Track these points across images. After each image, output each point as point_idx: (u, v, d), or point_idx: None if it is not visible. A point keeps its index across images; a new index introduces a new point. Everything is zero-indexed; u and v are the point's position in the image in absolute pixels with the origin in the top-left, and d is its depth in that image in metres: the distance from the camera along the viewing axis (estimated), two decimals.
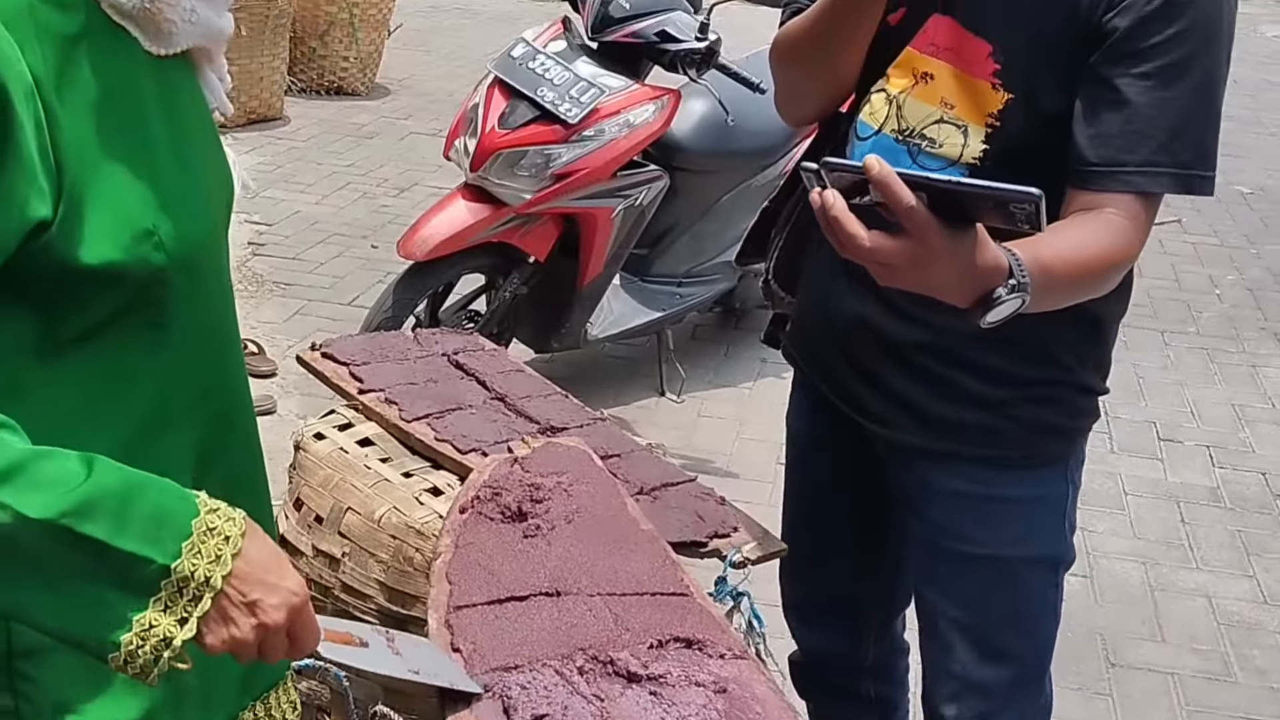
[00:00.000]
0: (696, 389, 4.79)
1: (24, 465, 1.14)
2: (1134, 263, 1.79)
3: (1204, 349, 5.56)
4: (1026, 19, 1.79)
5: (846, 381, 2.09)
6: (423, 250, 3.99)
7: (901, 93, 1.91)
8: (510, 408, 2.32)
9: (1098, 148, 1.75)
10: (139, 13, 1.30)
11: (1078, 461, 2.08)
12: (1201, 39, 1.74)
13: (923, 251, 1.41)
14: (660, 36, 4.21)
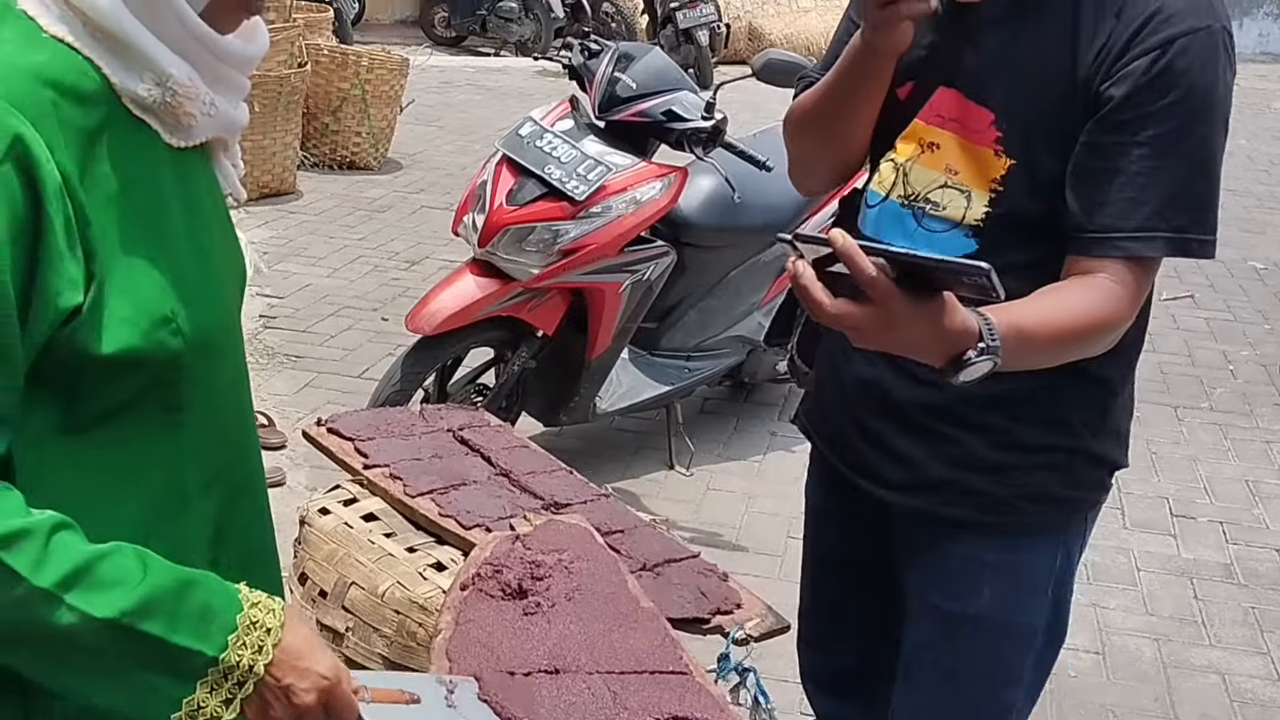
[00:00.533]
0: (706, 462, 4.78)
1: (89, 567, 1.23)
2: (1126, 325, 1.81)
3: (1217, 424, 5.54)
4: (1027, 88, 1.83)
5: (852, 444, 2.11)
6: (431, 324, 4.01)
7: (908, 160, 1.95)
8: (514, 483, 2.32)
9: (1092, 214, 1.78)
10: (160, 107, 1.33)
11: (1079, 535, 2.07)
12: (1197, 108, 1.76)
13: (885, 316, 1.50)
14: (667, 115, 4.26)
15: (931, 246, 1.90)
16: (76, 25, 1.26)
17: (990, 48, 1.86)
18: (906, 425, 2.01)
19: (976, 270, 1.45)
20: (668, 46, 12.15)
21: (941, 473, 2.00)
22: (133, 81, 1.30)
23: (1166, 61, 1.73)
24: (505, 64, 13.08)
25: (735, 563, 3.95)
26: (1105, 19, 1.77)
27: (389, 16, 15.46)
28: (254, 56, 1.44)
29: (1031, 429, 1.95)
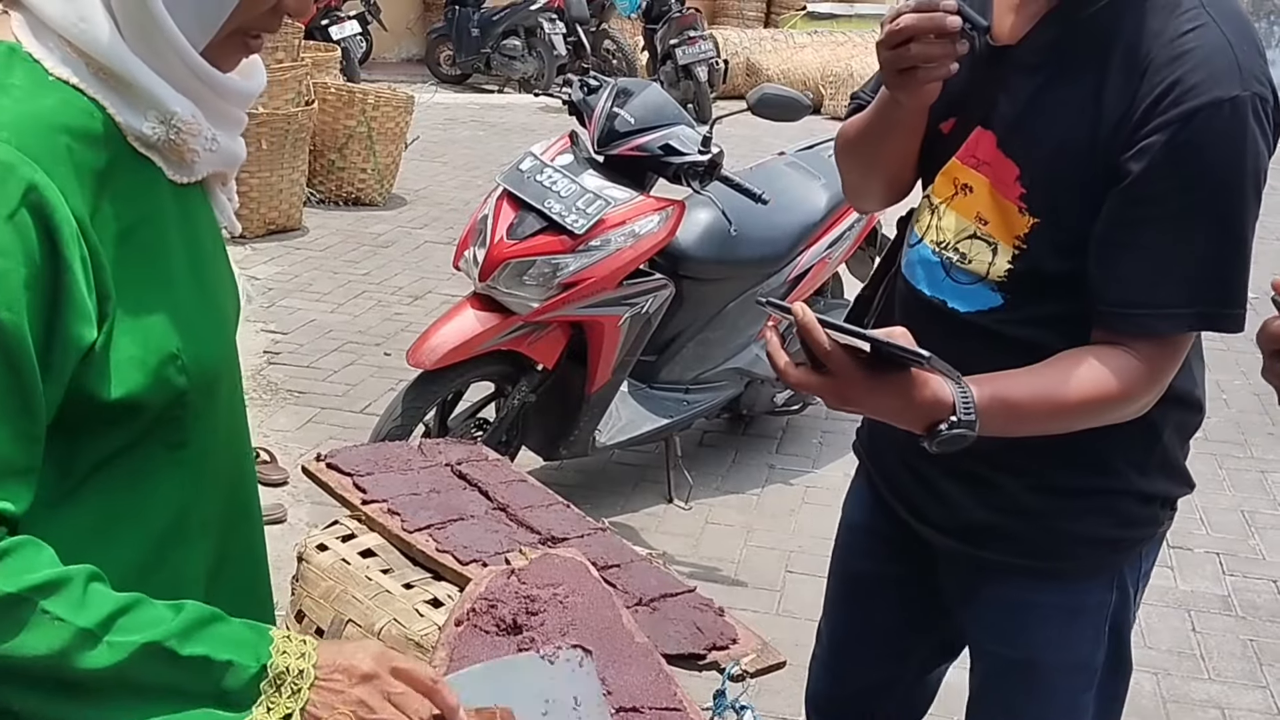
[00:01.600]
0: (704, 496, 4.80)
1: (127, 609, 1.26)
2: (1148, 397, 1.78)
3: (1212, 454, 5.54)
4: (1050, 147, 1.79)
5: (901, 481, 2.11)
6: (432, 359, 4.03)
7: (942, 203, 1.93)
8: (512, 518, 2.33)
9: (1113, 289, 1.75)
10: (164, 145, 1.35)
11: (1135, 569, 2.03)
12: (1219, 184, 1.71)
13: (842, 386, 1.61)
14: (664, 150, 4.30)
15: (959, 298, 1.90)
16: (81, 67, 1.28)
17: (1022, 95, 1.83)
18: (948, 467, 1.95)
19: (917, 358, 1.55)
20: (667, 82, 12.26)
21: (984, 517, 1.98)
22: (137, 120, 1.32)
23: (1186, 137, 1.67)
24: (508, 101, 13.16)
25: (733, 597, 3.97)
26: (1131, 80, 1.72)
27: (395, 55, 15.56)
28: (252, 92, 1.46)
29: (1074, 473, 1.91)
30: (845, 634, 2.34)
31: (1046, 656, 2.02)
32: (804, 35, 14.64)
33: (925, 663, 2.34)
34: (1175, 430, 1.97)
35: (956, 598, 2.12)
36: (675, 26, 12.41)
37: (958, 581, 2.10)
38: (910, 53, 1.73)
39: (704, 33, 12.56)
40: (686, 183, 4.38)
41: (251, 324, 6.16)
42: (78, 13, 1.26)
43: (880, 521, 2.22)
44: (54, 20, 1.27)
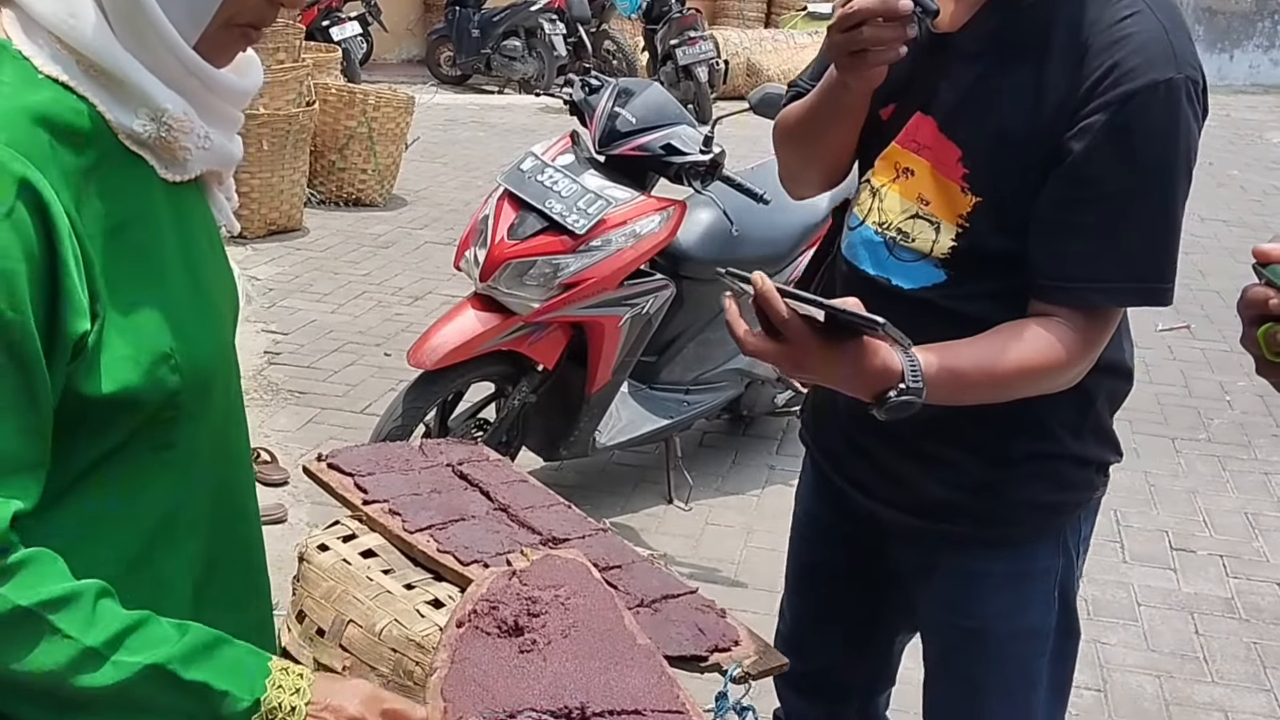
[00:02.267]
0: (704, 497, 4.79)
1: (134, 628, 1.27)
2: (1082, 367, 1.87)
3: (1215, 456, 5.54)
4: (992, 129, 1.86)
5: (847, 460, 2.17)
6: (432, 359, 4.03)
7: (883, 185, 1.99)
8: (513, 518, 2.32)
9: (1052, 264, 1.83)
10: (155, 142, 1.33)
11: (1076, 532, 2.12)
12: (1155, 163, 1.79)
13: (798, 354, 1.68)
14: (666, 150, 4.29)
15: (903, 275, 1.96)
16: (70, 64, 1.26)
17: (963, 81, 1.90)
18: (898, 445, 2.05)
19: (872, 324, 1.61)
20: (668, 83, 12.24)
21: (935, 493, 2.05)
22: (127, 118, 1.30)
23: (1124, 118, 1.75)
24: (509, 101, 13.15)
25: (734, 599, 3.96)
26: (1071, 65, 1.79)
27: (396, 56, 15.56)
28: (248, 90, 1.44)
29: (1016, 441, 1.99)
30: (806, 616, 2.39)
31: (1001, 625, 2.09)
32: (804, 35, 14.61)
33: (887, 637, 2.40)
34: (1107, 398, 2.04)
35: (911, 574, 2.18)
36: (676, 27, 12.40)
37: (911, 558, 2.16)
38: (863, 35, 1.78)
39: (704, 33, 12.55)
40: (688, 183, 4.37)
41: (252, 324, 6.16)
42: (67, 9, 1.25)
43: (832, 507, 2.28)
44: (44, 17, 1.26)
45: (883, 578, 2.24)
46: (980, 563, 2.08)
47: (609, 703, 1.63)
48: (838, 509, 2.24)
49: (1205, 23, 17.21)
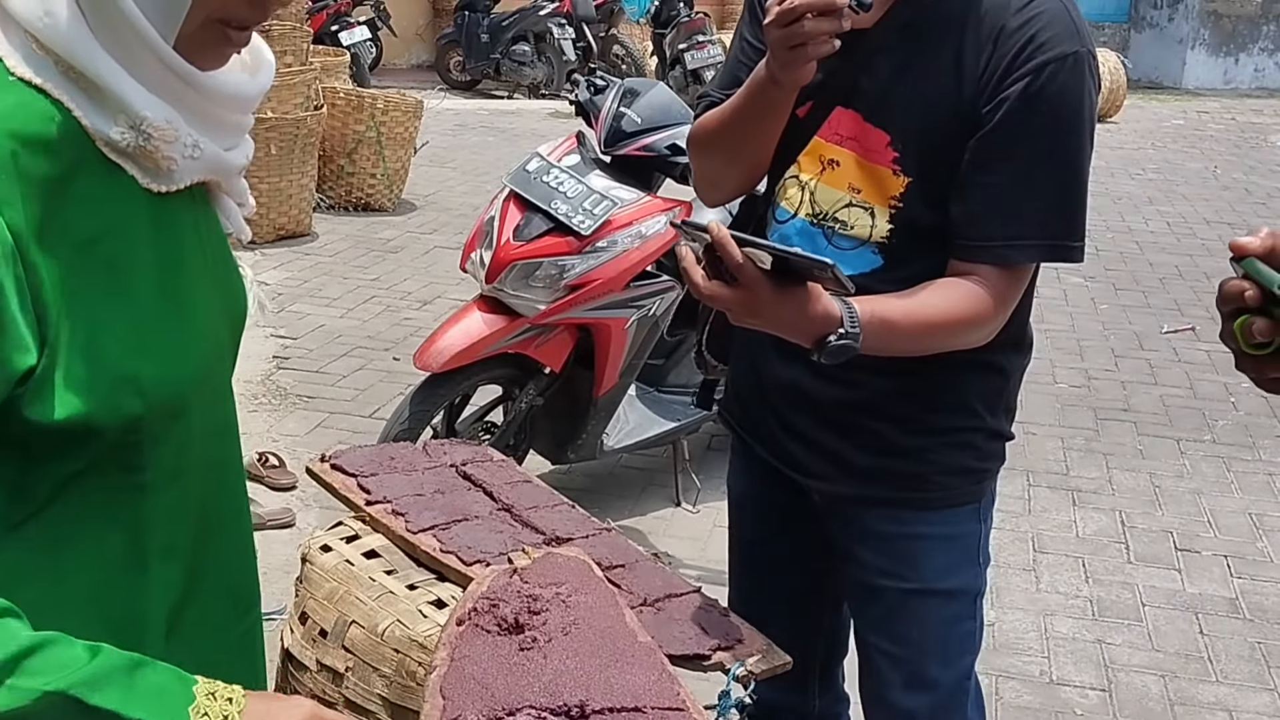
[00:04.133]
0: (712, 499, 4.79)
1: (35, 649, 1.16)
2: (996, 322, 2.01)
3: (1220, 457, 5.54)
4: (919, 112, 1.98)
5: (779, 440, 2.26)
6: (439, 362, 4.03)
7: (812, 179, 2.10)
8: (517, 518, 2.33)
9: (971, 223, 1.97)
10: (136, 151, 1.24)
11: (989, 502, 2.27)
12: (1065, 126, 1.93)
13: (751, 299, 1.76)
14: (671, 150, 4.30)
15: (842, 262, 2.01)
16: (46, 65, 1.17)
17: (883, 73, 2.01)
18: (825, 420, 2.18)
19: (822, 265, 1.72)
20: (676, 87, 12.25)
21: (862, 460, 2.18)
22: (105, 125, 1.21)
23: (1039, 85, 1.90)
24: (518, 106, 13.18)
25: None
26: (985, 47, 1.93)
27: (405, 61, 15.60)
28: (249, 95, 1.35)
29: (941, 415, 2.15)
30: (752, 596, 2.46)
31: (937, 583, 2.23)
32: None
33: (834, 607, 2.47)
34: (1018, 375, 2.22)
35: (846, 542, 2.28)
36: (684, 31, 12.43)
37: (845, 526, 2.27)
38: (803, 29, 1.86)
39: (713, 37, 12.57)
40: None
41: (261, 329, 6.18)
42: (43, 6, 1.15)
43: (764, 486, 2.37)
44: (18, 13, 1.16)
45: (821, 547, 2.33)
46: (910, 525, 2.21)
47: (609, 700, 1.64)
48: (770, 485, 2.33)
49: (1211, 26, 17.22)
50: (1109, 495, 5.14)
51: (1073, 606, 4.31)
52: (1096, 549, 4.71)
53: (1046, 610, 4.28)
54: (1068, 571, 4.54)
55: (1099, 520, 4.92)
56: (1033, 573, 4.51)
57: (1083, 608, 4.30)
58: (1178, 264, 8.51)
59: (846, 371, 1.95)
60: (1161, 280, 8.11)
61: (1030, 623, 4.19)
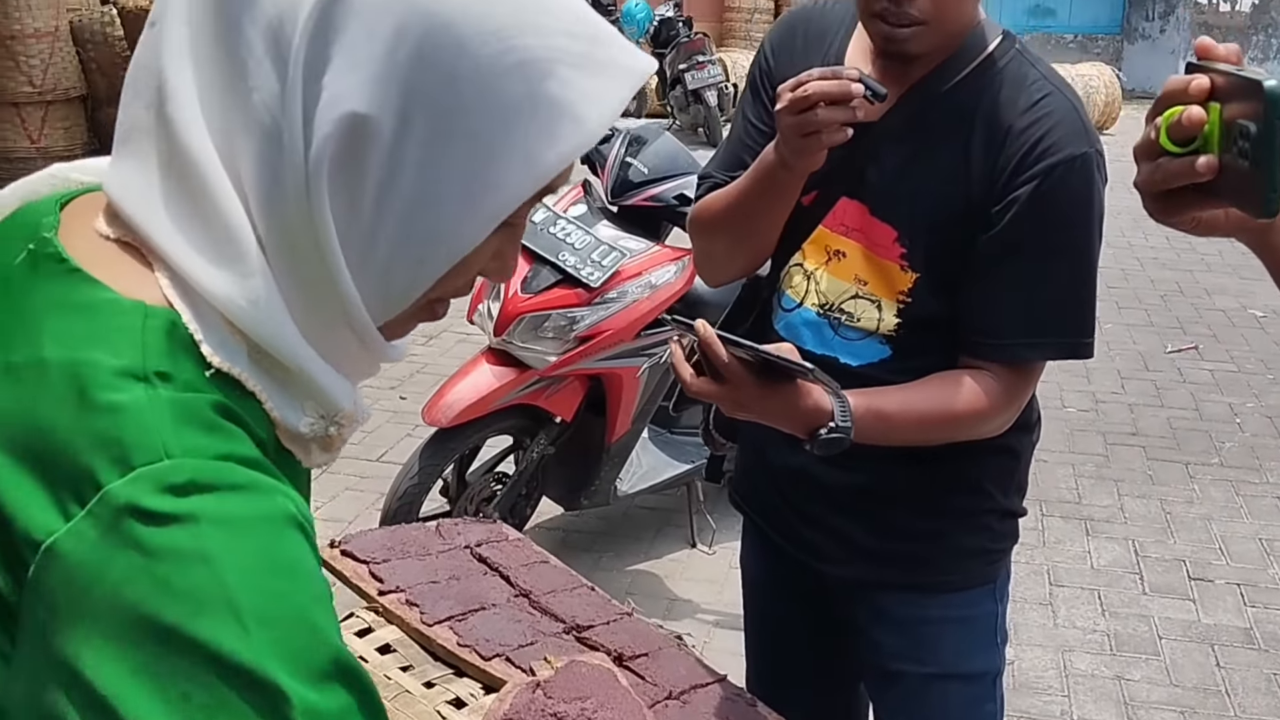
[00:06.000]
0: (728, 540, 4.79)
1: None
2: (1006, 416, 2.00)
3: (1228, 480, 5.55)
4: (925, 208, 1.97)
5: (790, 524, 2.25)
6: (448, 416, 4.02)
7: (817, 269, 2.08)
8: (535, 605, 2.33)
9: (982, 320, 1.97)
10: (317, 440, 1.05)
11: (1005, 580, 2.25)
12: (1075, 226, 1.94)
13: (737, 395, 1.81)
14: (679, 200, 4.29)
15: (849, 353, 2.06)
16: (240, 352, 0.96)
17: (889, 165, 2.00)
18: (836, 504, 2.16)
19: (802, 370, 1.77)
20: (677, 107, 12.26)
21: (874, 544, 2.16)
22: (294, 415, 1.01)
23: (1049, 187, 1.89)
24: None
25: None
26: (993, 146, 1.92)
27: None
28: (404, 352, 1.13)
29: (952, 497, 2.14)
30: (771, 676, 2.45)
31: (955, 668, 2.21)
32: None
33: (852, 683, 2.46)
34: (1028, 454, 2.20)
35: (860, 625, 2.26)
36: (684, 51, 12.43)
37: (858, 609, 2.25)
38: (816, 117, 1.84)
39: (713, 57, 12.56)
40: None
41: None
42: (246, 294, 0.93)
43: (777, 568, 2.35)
44: (216, 297, 0.94)
45: (838, 628, 2.31)
46: (926, 609, 2.19)
47: None
48: (782, 565, 2.31)
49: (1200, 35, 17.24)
50: (1121, 524, 5.14)
51: (1090, 641, 4.31)
52: (1111, 580, 4.71)
53: (1065, 646, 4.28)
54: (1084, 605, 4.54)
55: (1113, 550, 4.93)
56: (1049, 607, 4.51)
57: (1100, 642, 4.30)
58: (1178, 280, 8.51)
59: (855, 456, 1.94)
60: (1163, 297, 8.12)
61: (1049, 660, 4.19)
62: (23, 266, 0.92)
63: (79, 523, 0.80)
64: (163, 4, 0.92)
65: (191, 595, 0.80)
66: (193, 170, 0.89)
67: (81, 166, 1.05)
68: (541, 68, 0.90)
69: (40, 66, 7.76)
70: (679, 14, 13.06)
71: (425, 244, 0.93)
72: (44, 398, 0.84)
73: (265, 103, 0.87)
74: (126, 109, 0.94)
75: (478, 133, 0.90)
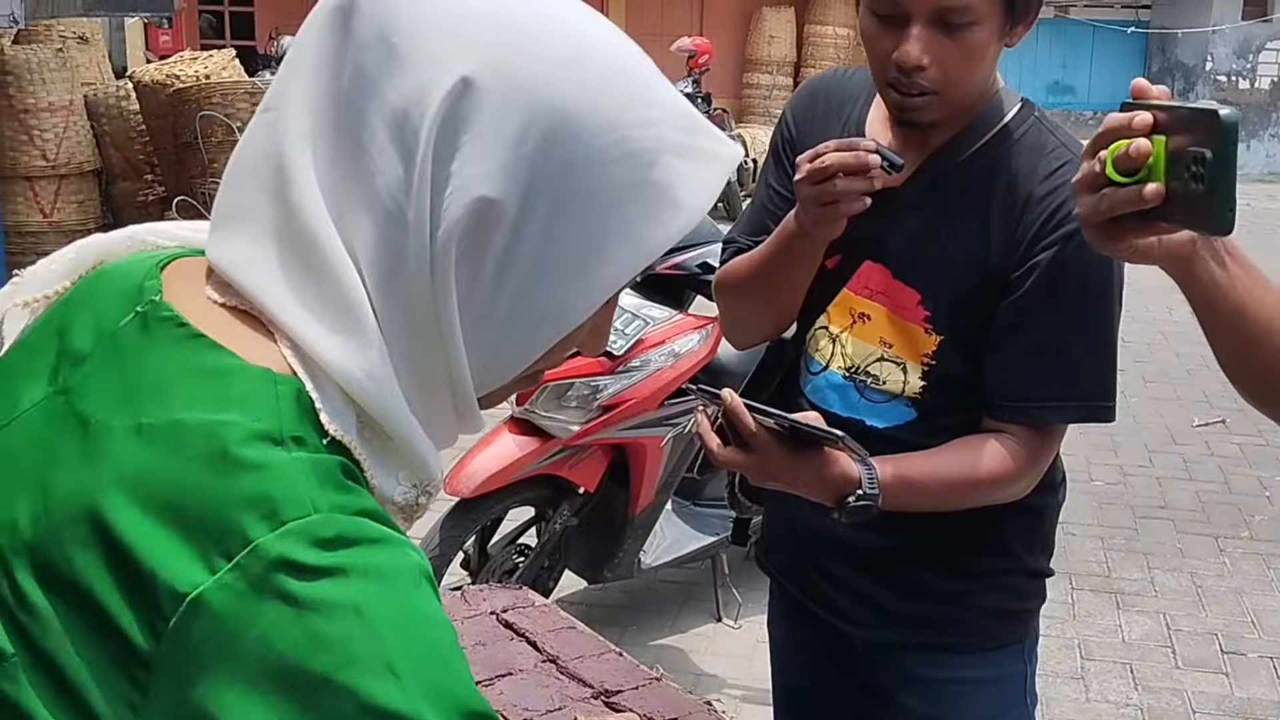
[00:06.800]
0: (754, 614, 4.71)
1: None
2: (1030, 479, 2.01)
3: (1259, 554, 5.48)
4: (948, 273, 1.99)
5: (817, 586, 2.24)
6: (470, 487, 3.98)
7: (843, 331, 2.10)
8: (563, 671, 2.30)
9: (1001, 384, 1.98)
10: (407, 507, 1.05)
11: (1033, 641, 2.25)
12: (1094, 292, 1.95)
13: (765, 464, 1.83)
14: (702, 268, 4.29)
15: (875, 415, 2.07)
16: (351, 420, 0.97)
17: (912, 230, 2.01)
18: (862, 566, 2.16)
19: (832, 438, 1.77)
20: None
21: (901, 606, 2.16)
22: (391, 484, 1.01)
23: (1066, 254, 1.90)
24: None
25: None
26: (1013, 213, 1.94)
27: None
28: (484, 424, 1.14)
29: (979, 558, 2.14)
30: None
31: None
32: None
33: None
34: (1053, 514, 2.21)
35: (888, 687, 2.24)
36: None
37: (886, 671, 2.23)
38: (835, 187, 1.87)
39: (733, 132, 12.67)
40: None
41: None
42: (364, 366, 0.95)
43: (803, 631, 2.34)
44: (335, 368, 0.95)
45: (864, 689, 2.30)
46: (954, 670, 2.18)
47: None
48: (812, 629, 2.30)
49: None
50: (1152, 597, 5.08)
51: (1124, 716, 4.24)
52: (1144, 654, 4.64)
53: None
54: (1116, 679, 4.47)
55: (1144, 624, 4.86)
56: (1081, 681, 4.44)
57: (1134, 717, 4.24)
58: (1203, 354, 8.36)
59: (881, 518, 1.94)
60: (1189, 371, 8.08)
61: None
62: (133, 328, 0.94)
63: (226, 575, 0.82)
64: (280, 94, 0.96)
65: (343, 646, 0.82)
66: (314, 248, 0.93)
67: (156, 230, 1.08)
68: (648, 157, 0.96)
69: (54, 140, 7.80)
70: (698, 90, 13.16)
71: (537, 319, 0.97)
72: (183, 457, 0.86)
73: (388, 186, 0.91)
74: (235, 190, 0.97)
75: (591, 216, 0.95)
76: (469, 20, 0.92)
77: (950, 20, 1.84)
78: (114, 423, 0.88)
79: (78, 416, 0.90)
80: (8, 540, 0.88)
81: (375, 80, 0.92)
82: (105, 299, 0.98)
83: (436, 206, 0.91)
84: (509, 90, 0.91)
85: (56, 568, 0.85)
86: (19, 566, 0.87)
